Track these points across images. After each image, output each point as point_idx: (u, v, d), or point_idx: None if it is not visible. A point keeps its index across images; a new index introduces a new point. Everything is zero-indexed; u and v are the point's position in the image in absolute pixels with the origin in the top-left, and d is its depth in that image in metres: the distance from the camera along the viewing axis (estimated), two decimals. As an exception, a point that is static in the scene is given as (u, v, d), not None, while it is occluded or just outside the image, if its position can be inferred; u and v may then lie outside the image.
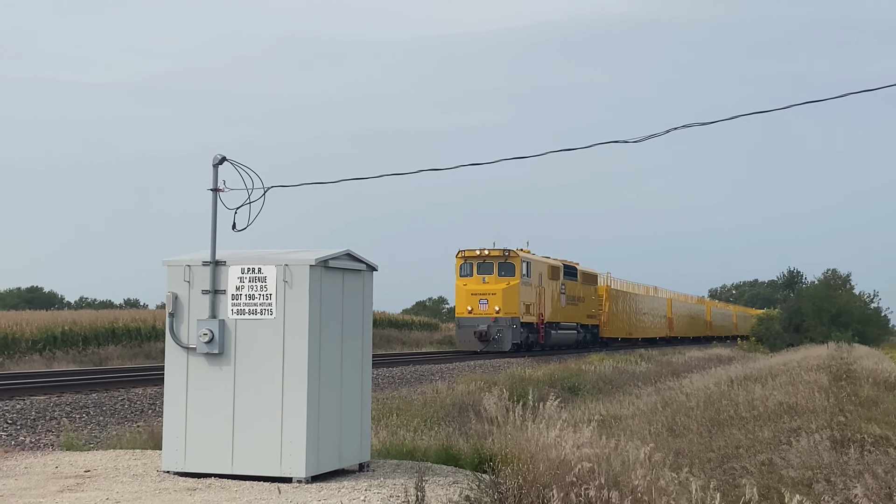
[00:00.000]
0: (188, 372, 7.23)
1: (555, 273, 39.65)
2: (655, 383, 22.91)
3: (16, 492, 6.79)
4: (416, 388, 17.62)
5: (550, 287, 39.83)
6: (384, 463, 8.37)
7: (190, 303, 7.27)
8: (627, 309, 51.69)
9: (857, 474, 8.44)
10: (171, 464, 7.25)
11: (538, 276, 37.10)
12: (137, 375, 20.66)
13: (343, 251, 7.54)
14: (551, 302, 39.57)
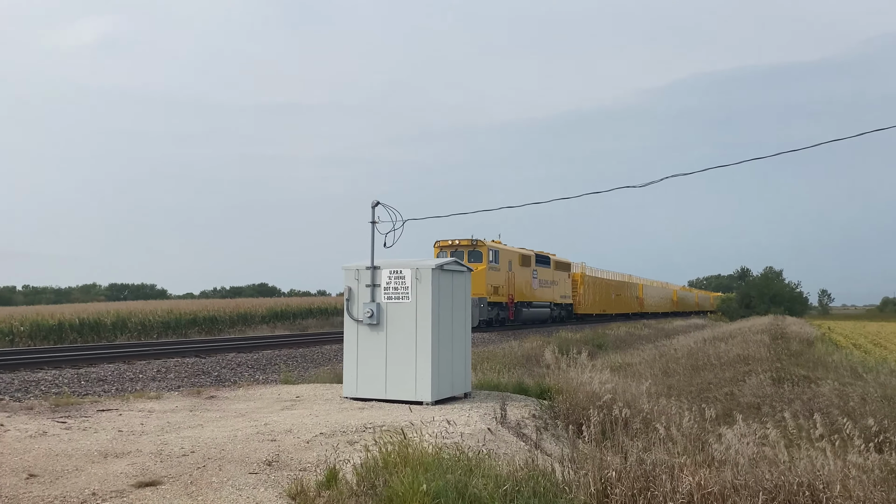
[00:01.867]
0: (358, 335, 9.90)
1: (525, 261, 40.04)
2: (654, 342, 28.83)
3: (255, 409, 9.45)
4: (498, 346, 20.97)
5: (521, 272, 39.92)
6: (479, 392, 10.58)
7: (358, 292, 9.98)
8: (601, 291, 54.11)
9: (789, 401, 10.87)
10: (348, 392, 9.95)
11: (507, 262, 37.18)
12: (325, 337, 27.20)
13: (452, 260, 10.18)
14: (522, 284, 39.83)
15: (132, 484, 5.68)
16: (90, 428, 8.15)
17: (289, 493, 5.31)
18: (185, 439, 7.36)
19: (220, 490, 5.52)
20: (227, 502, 5.24)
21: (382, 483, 4.88)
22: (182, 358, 17.48)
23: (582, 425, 7.64)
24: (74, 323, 29.11)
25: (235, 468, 6.14)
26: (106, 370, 14.69)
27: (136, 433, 7.80)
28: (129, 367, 15.50)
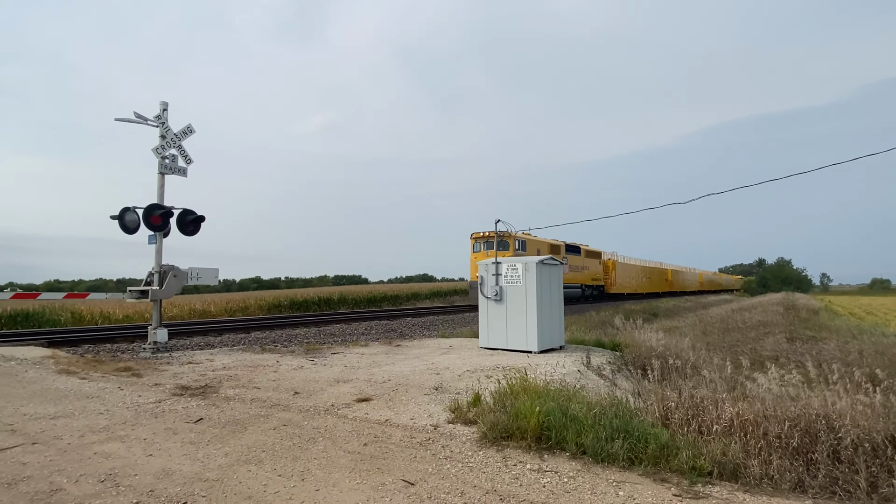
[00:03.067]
0: (487, 307, 9.88)
1: (555, 249, 33.09)
2: (695, 312, 26.71)
3: (424, 354, 9.60)
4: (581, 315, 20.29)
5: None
6: (570, 346, 10.25)
7: (487, 279, 9.93)
8: (632, 274, 46.16)
9: (801, 354, 9.77)
10: (482, 343, 9.92)
11: (535, 250, 30.62)
12: (465, 307, 26.59)
13: (549, 257, 10.03)
14: None
15: (354, 399, 5.94)
16: (327, 364, 8.61)
17: (450, 408, 5.36)
18: (384, 372, 7.63)
19: (408, 405, 5.66)
20: (412, 412, 5.37)
21: (510, 404, 4.83)
22: (378, 321, 18.15)
23: (646, 369, 7.25)
24: (315, 299, 30.88)
25: (415, 391, 6.28)
26: (334, 328, 15.50)
27: (354, 368, 8.17)
28: (348, 326, 16.28)
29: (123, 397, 6.04)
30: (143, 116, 10.72)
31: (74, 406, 5.61)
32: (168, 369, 8.06)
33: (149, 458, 4.09)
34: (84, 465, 3.89)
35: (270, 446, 4.37)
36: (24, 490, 3.44)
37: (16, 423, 4.90)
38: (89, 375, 7.33)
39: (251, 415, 5.33)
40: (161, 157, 10.81)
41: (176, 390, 6.45)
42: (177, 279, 10.60)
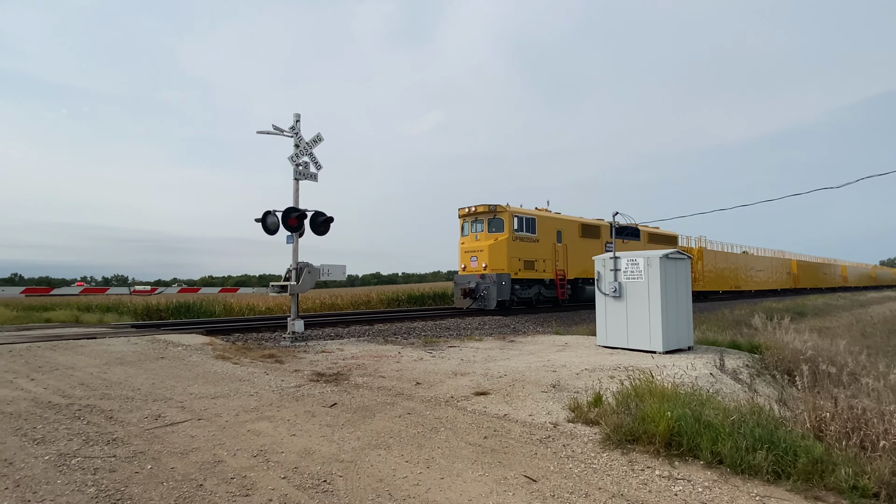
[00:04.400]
0: (605, 303, 9.51)
1: (590, 231, 24.24)
2: (851, 310, 22.51)
3: (539, 350, 9.51)
4: (712, 313, 18.65)
5: (583, 245, 23.62)
6: (699, 347, 9.53)
7: (605, 274, 9.58)
8: (730, 267, 35.83)
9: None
10: (600, 342, 9.58)
11: (555, 232, 21.98)
12: (576, 305, 24.09)
13: (676, 250, 9.29)
14: (586, 259, 22.95)
15: (472, 392, 6.03)
16: (444, 357, 8.84)
17: (569, 407, 5.24)
18: (500, 367, 7.65)
19: (525, 401, 5.63)
20: (530, 408, 5.33)
21: (635, 406, 4.60)
22: (492, 316, 18.26)
23: (793, 375, 6.50)
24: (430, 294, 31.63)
25: (532, 387, 6.23)
26: (449, 322, 15.87)
27: (470, 361, 8.29)
28: (462, 320, 16.57)
29: (269, 381, 6.69)
30: (280, 128, 11.75)
31: (230, 388, 6.33)
32: (305, 357, 8.79)
33: (292, 437, 4.48)
34: (239, 441, 4.37)
35: (397, 433, 4.59)
36: (193, 460, 3.95)
37: (185, 402, 5.64)
38: (240, 361, 8.23)
39: (378, 402, 5.63)
40: (295, 164, 11.79)
41: (312, 376, 7.01)
42: (311, 275, 11.51)
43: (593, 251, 22.60)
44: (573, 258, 22.69)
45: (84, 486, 3.42)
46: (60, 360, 7.98)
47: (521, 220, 20.49)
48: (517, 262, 19.96)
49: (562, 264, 22.29)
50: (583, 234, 23.67)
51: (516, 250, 19.73)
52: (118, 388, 6.25)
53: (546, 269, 21.49)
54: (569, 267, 22.58)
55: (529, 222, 20.89)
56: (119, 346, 9.39)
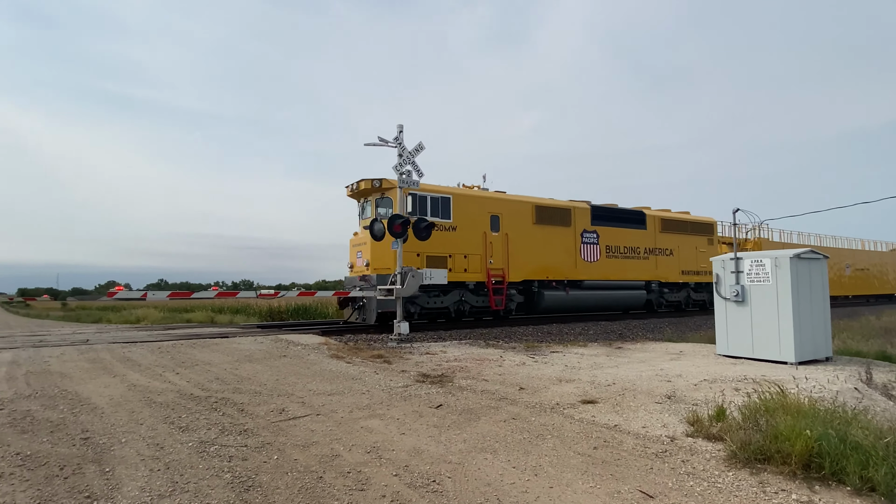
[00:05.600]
0: (726, 309, 8.75)
1: (550, 216, 17.06)
2: None
3: (650, 358, 8.97)
4: (854, 320, 16.37)
5: (539, 234, 16.79)
6: (840, 357, 8.51)
7: (725, 277, 8.82)
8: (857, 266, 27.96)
9: None
10: (721, 350, 8.83)
11: (483, 217, 15.57)
12: (690, 311, 22.25)
13: (809, 249, 8.31)
14: (545, 254, 16.90)
15: (579, 400, 5.84)
16: (547, 362, 8.66)
17: (688, 420, 4.88)
18: (607, 375, 7.34)
19: (637, 411, 5.34)
20: (643, 420, 5.04)
21: (765, 422, 4.17)
22: (596, 322, 17.60)
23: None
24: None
25: (644, 398, 5.89)
26: (551, 327, 15.55)
27: (575, 368, 8.04)
28: (564, 325, 16.16)
29: (379, 381, 6.97)
30: (384, 139, 12.27)
31: (343, 385, 6.69)
32: (410, 358, 9.06)
33: (402, 436, 4.63)
34: (354, 437, 4.59)
35: (502, 438, 4.56)
36: (314, 453, 4.21)
37: (305, 398, 6.05)
38: (352, 360, 8.67)
39: (482, 405, 5.64)
40: (399, 173, 12.24)
41: (418, 377, 7.20)
42: (415, 279, 11.87)
43: (559, 242, 17.48)
44: (524, 252, 16.37)
45: (221, 472, 3.78)
46: (199, 357, 8.93)
47: (424, 199, 14.49)
48: (414, 259, 14.15)
49: (499, 261, 15.70)
50: (539, 219, 16.89)
51: (411, 242, 13.57)
52: (248, 383, 6.86)
53: (470, 268, 15.07)
54: (514, 264, 16.07)
55: (438, 203, 14.80)
56: (247, 345, 10.31)
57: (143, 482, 3.59)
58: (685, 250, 21.54)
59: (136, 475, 3.72)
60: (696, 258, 21.92)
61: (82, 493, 3.41)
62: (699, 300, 22.60)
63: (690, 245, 21.77)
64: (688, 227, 21.88)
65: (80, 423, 4.95)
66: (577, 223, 18.21)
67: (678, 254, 21.33)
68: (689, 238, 21.79)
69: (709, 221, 22.76)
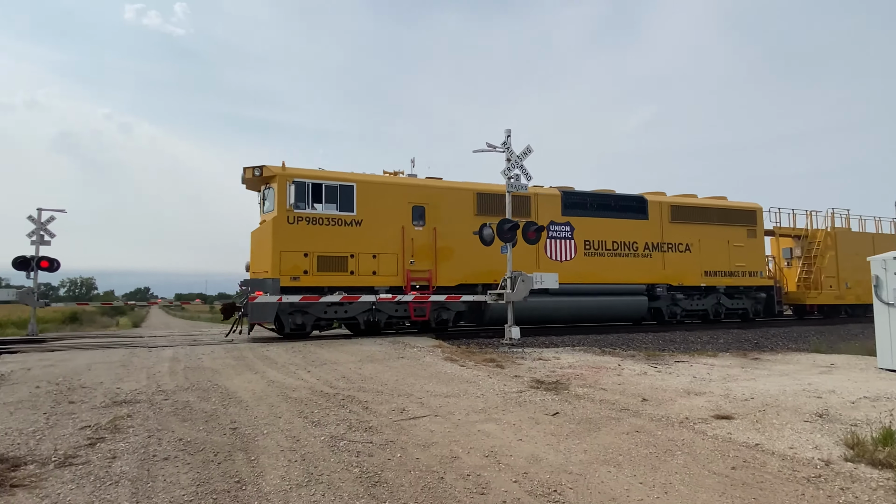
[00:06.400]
0: (889, 316, 7.63)
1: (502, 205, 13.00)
2: None
3: (794, 371, 8.04)
4: None
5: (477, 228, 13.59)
6: None
7: (886, 280, 7.69)
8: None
9: None
10: (884, 364, 7.75)
11: (402, 209, 12.89)
12: (843, 319, 19.77)
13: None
14: (488, 252, 13.34)
15: (711, 415, 5.38)
16: (672, 373, 8.10)
17: (846, 442, 4.28)
18: (744, 388, 6.69)
19: (782, 430, 4.79)
20: (790, 440, 4.51)
21: (951, 451, 3.53)
22: (726, 329, 16.15)
23: None
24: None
25: (790, 415, 5.28)
26: (674, 335, 14.54)
27: (705, 380, 7.43)
28: (689, 332, 15.03)
29: (492, 385, 6.99)
30: (493, 145, 12.34)
31: (459, 388, 6.79)
32: (523, 363, 8.97)
33: (519, 441, 4.58)
34: (471, 440, 4.64)
35: (626, 451, 4.33)
36: (434, 453, 4.31)
37: (423, 398, 6.23)
38: (465, 364, 8.78)
39: (602, 416, 5.41)
40: (507, 177, 12.23)
41: (532, 383, 7.10)
42: (524, 283, 11.75)
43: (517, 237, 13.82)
44: (461, 251, 13.61)
45: (350, 467, 4.01)
46: (327, 357, 9.59)
47: (315, 188, 12.16)
48: (301, 260, 11.90)
49: (424, 261, 13.17)
50: (483, 210, 13.93)
51: (296, 239, 11.83)
52: (370, 382, 7.23)
53: (381, 271, 12.70)
54: (446, 265, 13.40)
55: (336, 192, 12.31)
56: (369, 346, 10.88)
57: (282, 471, 3.92)
58: (711, 245, 16.89)
59: (277, 465, 4.06)
60: (729, 255, 17.10)
61: (233, 478, 3.80)
62: (738, 308, 17.61)
63: (719, 238, 17.06)
64: (713, 216, 17.15)
65: (228, 415, 5.53)
66: (542, 213, 14.69)
67: (700, 249, 16.76)
68: (716, 229, 17.08)
69: (749, 208, 17.89)
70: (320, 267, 12.08)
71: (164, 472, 3.91)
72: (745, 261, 17.34)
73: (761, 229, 18.03)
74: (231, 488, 3.62)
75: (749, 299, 17.58)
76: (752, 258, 17.48)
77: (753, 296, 17.70)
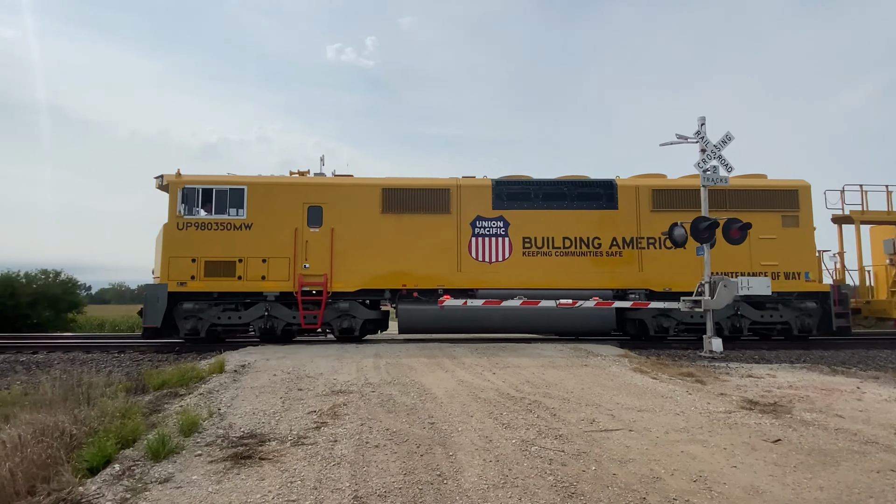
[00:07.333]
0: None
1: (413, 201, 11.59)
2: None
3: None
4: None
5: (395, 227, 12.01)
6: None
7: None
8: None
9: None
10: None
11: (296, 209, 11.79)
12: None
13: None
14: (396, 253, 11.91)
15: None
16: (940, 401, 6.45)
17: None
18: None
19: None
20: None
21: None
22: None
23: None
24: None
25: None
26: None
27: None
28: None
29: (693, 402, 6.35)
30: (683, 136, 11.31)
31: (653, 403, 6.32)
32: (728, 380, 8.00)
33: (733, 469, 4.08)
34: (674, 461, 4.26)
35: (879, 493, 3.57)
36: (632, 470, 4.06)
37: (613, 410, 5.94)
38: (658, 376, 8.15)
39: (840, 447, 4.55)
40: (703, 170, 11.09)
41: (742, 403, 6.28)
42: (727, 289, 10.51)
43: (430, 236, 12.52)
44: (364, 252, 12.44)
45: (544, 474, 3.99)
46: (510, 360, 9.75)
47: (204, 193, 12.16)
48: (188, 265, 12.00)
49: (318, 265, 12.30)
50: (389, 207, 12.53)
51: (185, 245, 12.02)
52: (555, 388, 7.14)
53: (271, 275, 12.14)
54: (344, 269, 12.33)
55: (226, 196, 12.19)
56: (549, 352, 10.78)
57: (479, 470, 4.07)
58: (719, 237, 12.45)
59: (473, 462, 4.23)
60: (750, 250, 12.64)
61: (434, 471, 4.06)
62: (772, 323, 12.80)
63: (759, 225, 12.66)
64: (723, 200, 12.79)
65: (426, 410, 5.95)
66: (465, 208, 12.68)
67: None
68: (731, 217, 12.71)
69: (788, 187, 12.98)
70: (207, 272, 12.12)
71: (376, 459, 4.35)
72: (779, 258, 12.65)
73: (808, 215, 12.90)
74: (434, 480, 3.87)
75: (791, 310, 12.74)
76: (792, 254, 12.59)
77: (797, 305, 12.75)
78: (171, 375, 7.85)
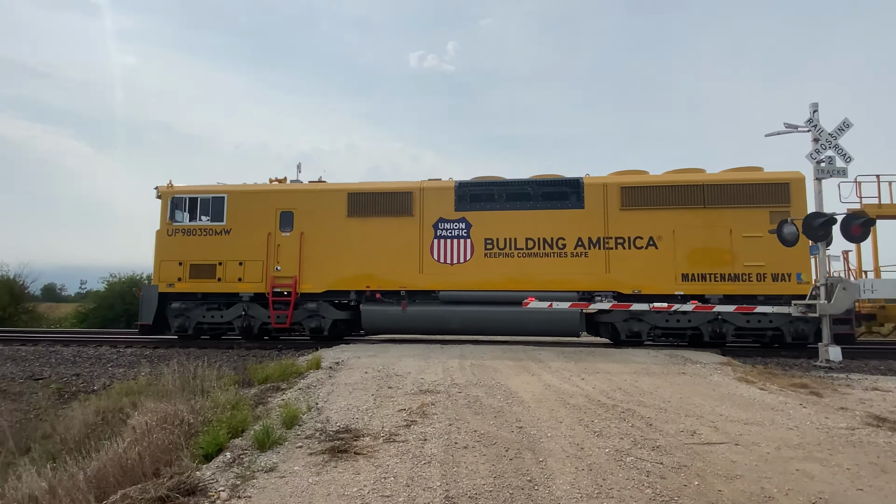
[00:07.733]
0: None
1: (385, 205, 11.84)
2: None
3: None
4: None
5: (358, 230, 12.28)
6: None
7: None
8: None
9: None
10: None
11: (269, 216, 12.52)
12: None
13: None
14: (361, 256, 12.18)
15: None
16: None
17: None
18: None
19: None
20: None
21: None
22: None
23: None
24: None
25: None
26: None
27: None
28: None
29: (808, 416, 5.80)
30: (792, 125, 10.39)
31: (762, 415, 5.84)
32: (850, 393, 7.22)
33: (858, 492, 3.68)
34: (788, 480, 3.91)
35: None
36: (739, 487, 3.78)
37: (716, 422, 5.56)
38: (766, 387, 7.52)
39: None
40: (816, 161, 10.12)
41: (867, 419, 5.64)
42: (847, 292, 9.50)
43: (393, 239, 12.60)
44: (331, 255, 12.81)
45: (641, 486, 3.81)
46: (598, 365, 9.43)
47: (190, 202, 13.23)
48: (175, 268, 13.11)
49: (289, 268, 12.89)
50: (355, 211, 12.82)
51: (174, 249, 13.16)
52: (650, 397, 6.81)
53: (247, 277, 12.91)
54: (311, 271, 12.79)
55: (209, 204, 13.19)
56: (641, 358, 10.30)
57: (570, 478, 3.97)
58: (696, 237, 11.70)
59: (565, 470, 4.14)
60: (733, 250, 11.46)
61: (525, 476, 4.02)
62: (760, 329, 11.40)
63: (713, 227, 11.62)
64: (700, 196, 11.74)
65: (513, 413, 5.91)
66: (427, 210, 12.63)
67: (674, 244, 11.78)
68: (706, 215, 11.68)
69: (777, 179, 11.52)
70: (192, 275, 13.10)
71: (465, 460, 4.39)
72: (766, 258, 11.37)
73: (802, 211, 11.23)
74: (524, 486, 3.83)
75: (784, 316, 11.12)
76: (782, 254, 11.14)
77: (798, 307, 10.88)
78: (274, 370, 8.42)
